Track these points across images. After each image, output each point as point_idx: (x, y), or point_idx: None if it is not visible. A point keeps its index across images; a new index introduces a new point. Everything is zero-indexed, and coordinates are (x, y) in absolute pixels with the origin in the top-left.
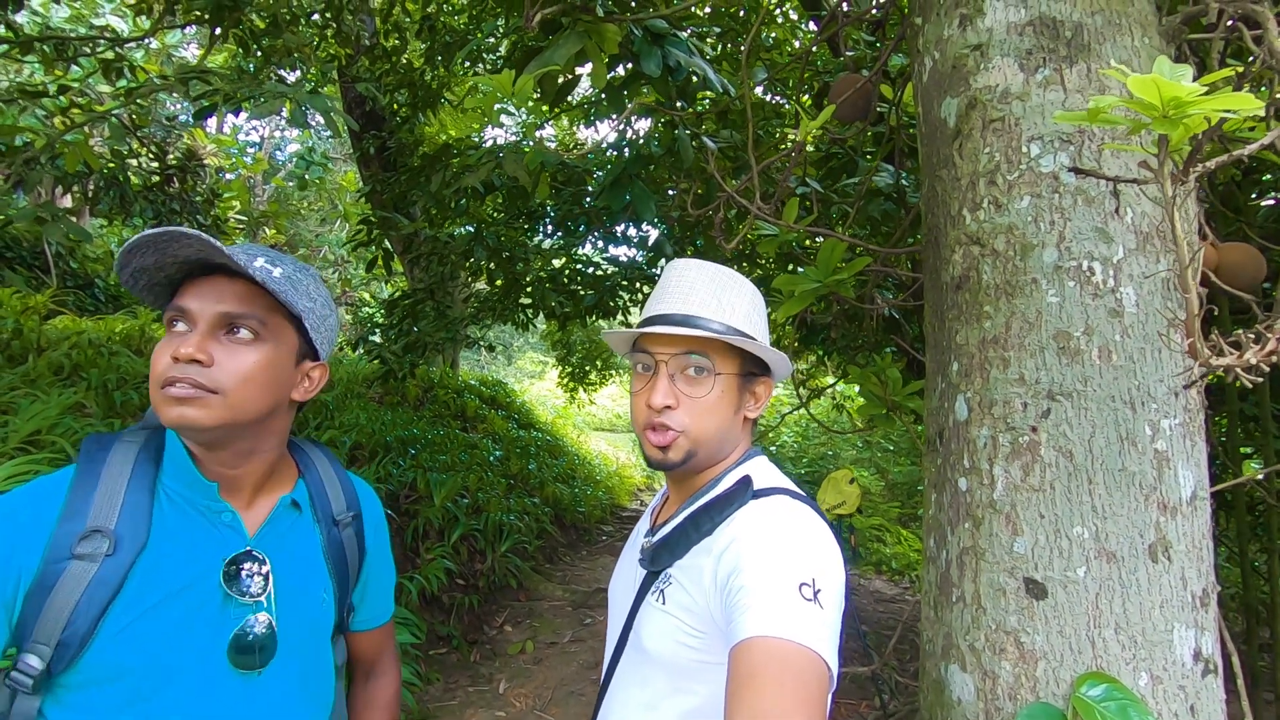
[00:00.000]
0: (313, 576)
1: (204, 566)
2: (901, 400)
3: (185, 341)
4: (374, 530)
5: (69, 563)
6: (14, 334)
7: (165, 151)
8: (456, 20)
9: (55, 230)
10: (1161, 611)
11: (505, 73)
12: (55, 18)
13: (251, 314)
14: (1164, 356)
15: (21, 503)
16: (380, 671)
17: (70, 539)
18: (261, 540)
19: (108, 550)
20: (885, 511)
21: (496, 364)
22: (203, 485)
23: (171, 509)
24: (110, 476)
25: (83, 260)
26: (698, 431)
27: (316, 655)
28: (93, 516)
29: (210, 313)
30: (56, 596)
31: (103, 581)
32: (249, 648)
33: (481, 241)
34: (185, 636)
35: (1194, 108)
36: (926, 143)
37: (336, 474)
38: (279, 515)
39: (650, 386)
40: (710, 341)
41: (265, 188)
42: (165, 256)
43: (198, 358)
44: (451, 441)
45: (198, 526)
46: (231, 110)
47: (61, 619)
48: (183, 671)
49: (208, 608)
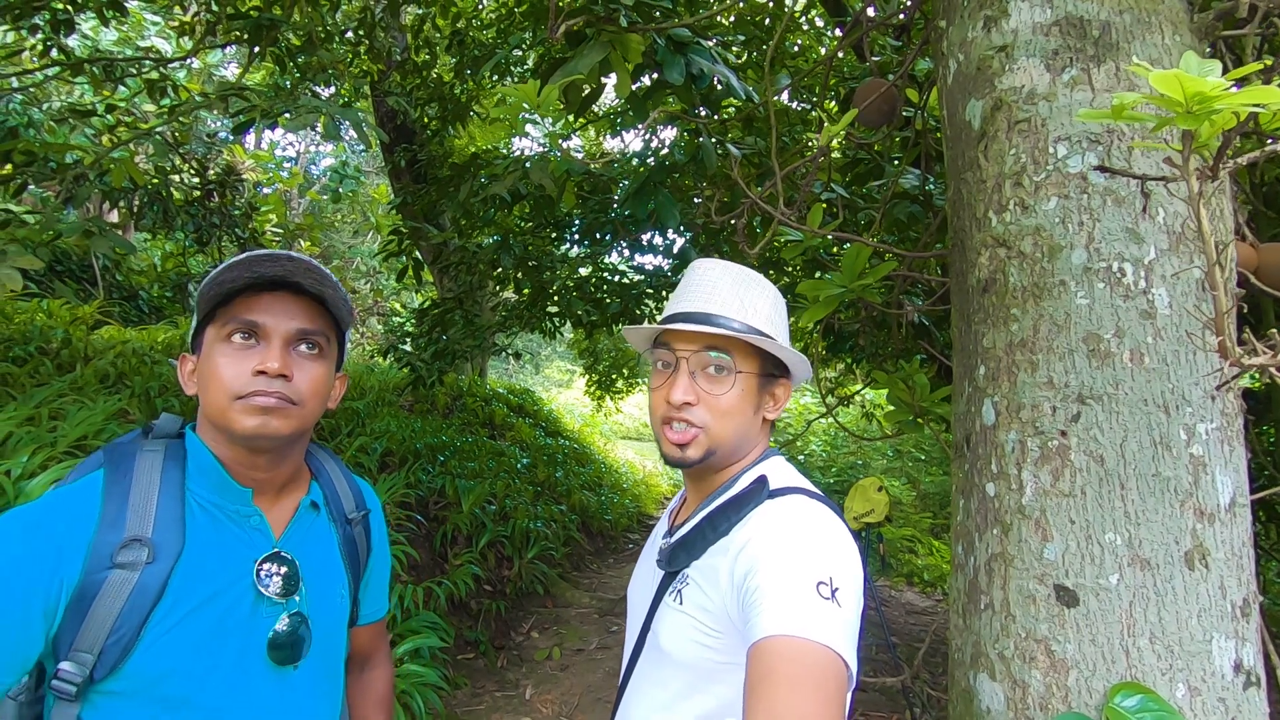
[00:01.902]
0: (333, 574)
1: (237, 570)
2: (930, 406)
3: (268, 356)
4: (378, 529)
5: (110, 572)
6: (63, 343)
7: (206, 167)
8: (486, 34)
9: (102, 243)
10: (1199, 621)
11: (530, 83)
12: (104, 40)
13: (320, 330)
14: (1199, 359)
15: (56, 513)
16: (375, 664)
17: (110, 548)
18: (287, 541)
19: (147, 559)
20: (917, 522)
21: (524, 372)
22: (236, 491)
23: (203, 515)
24: (141, 486)
25: (128, 273)
26: (717, 430)
27: (338, 652)
28: (130, 526)
29: (286, 329)
30: (100, 605)
31: (145, 589)
32: (285, 645)
33: (508, 250)
34: (223, 638)
35: (1220, 102)
36: (951, 145)
37: (344, 475)
38: (301, 516)
39: (670, 383)
40: (731, 340)
41: (301, 201)
42: (248, 272)
43: (285, 373)
44: (480, 449)
45: (228, 531)
46: (268, 125)
47: (106, 627)
48: (221, 671)
49: (241, 609)
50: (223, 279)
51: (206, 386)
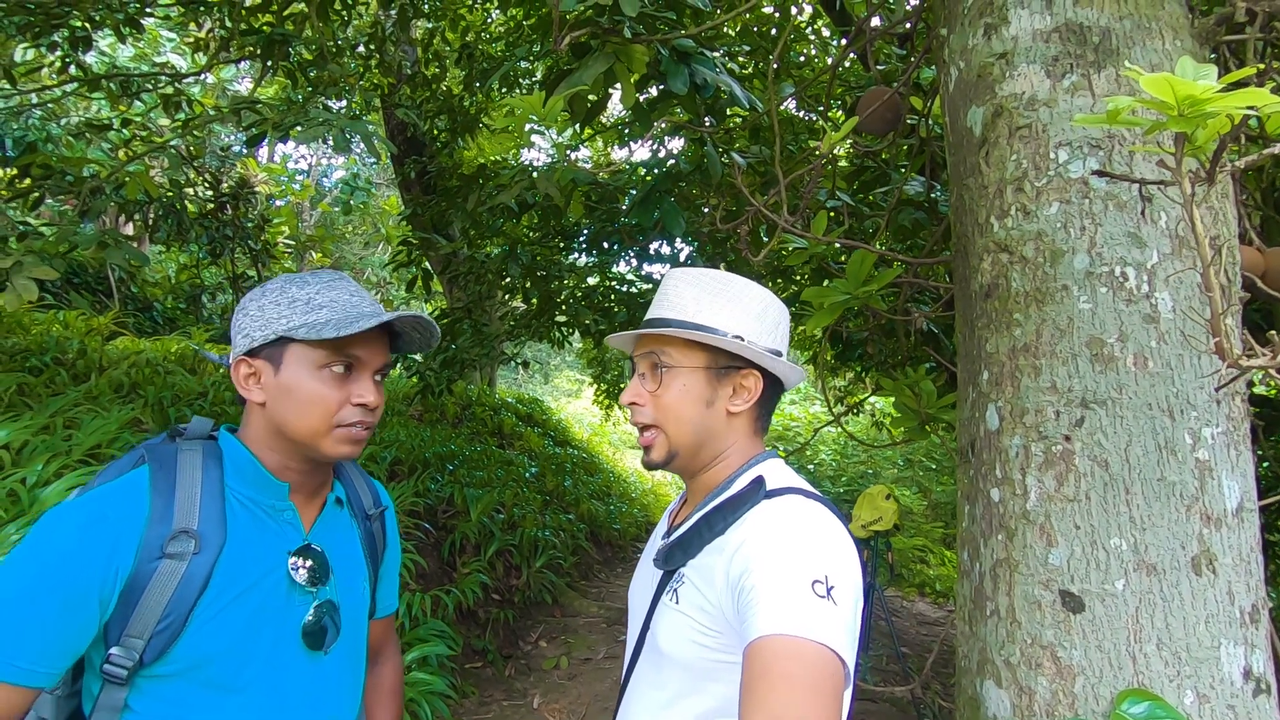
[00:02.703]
0: (355, 566)
1: (272, 561)
2: (937, 413)
3: (366, 390)
4: (392, 526)
5: (160, 561)
6: (79, 354)
7: (219, 180)
8: (494, 48)
9: (117, 255)
10: (1207, 627)
11: (536, 94)
12: (121, 57)
13: (390, 364)
14: (1203, 363)
15: (109, 507)
16: (386, 658)
17: (161, 540)
18: (316, 534)
19: (194, 550)
20: (929, 532)
21: (533, 382)
22: (275, 486)
23: (241, 510)
24: (184, 482)
25: (142, 285)
26: (669, 428)
27: (361, 637)
28: (177, 519)
29: (376, 363)
30: (150, 593)
31: (192, 578)
32: (317, 631)
33: (516, 260)
34: (260, 624)
35: (1211, 105)
36: (953, 152)
37: (361, 475)
38: (328, 512)
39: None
40: (663, 338)
41: (312, 213)
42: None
43: (379, 406)
44: (488, 458)
45: (264, 525)
46: (280, 138)
47: (156, 613)
48: (260, 655)
49: (276, 597)
50: (321, 304)
51: (301, 409)
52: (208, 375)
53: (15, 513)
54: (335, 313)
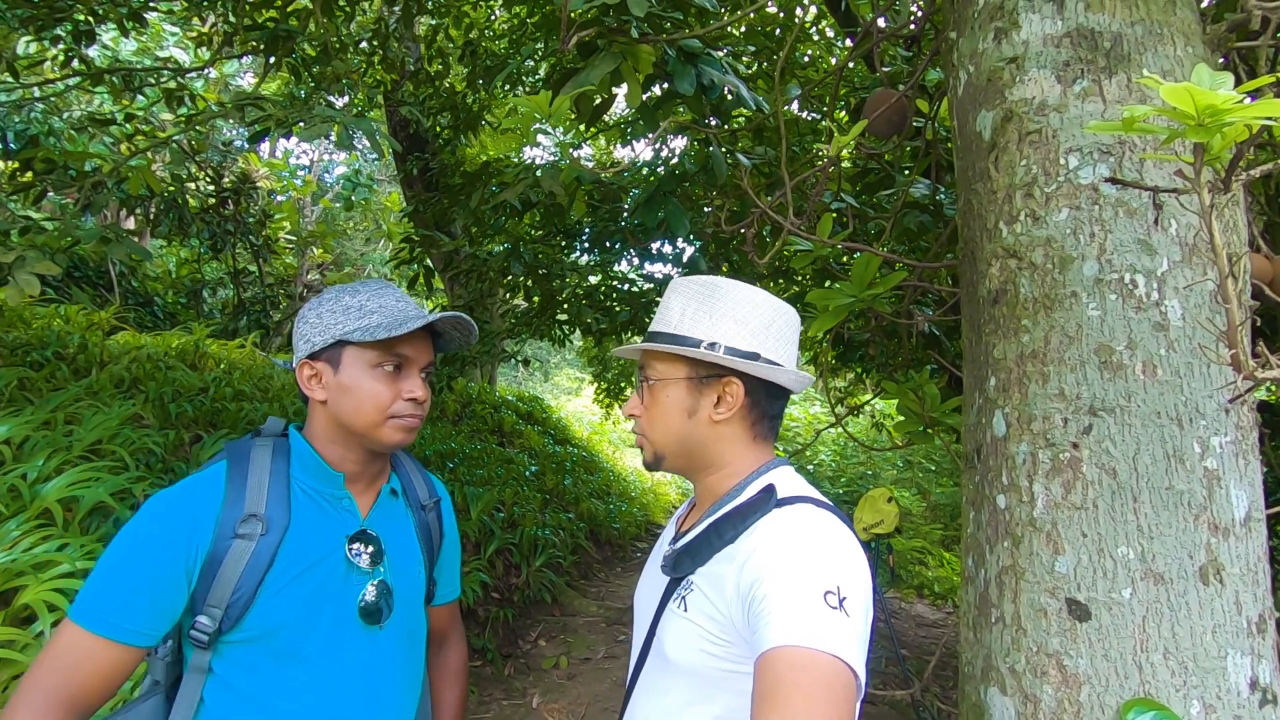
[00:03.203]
0: (409, 551)
1: (331, 543)
2: (940, 417)
3: (415, 386)
4: (449, 517)
5: (233, 541)
6: (79, 348)
7: (221, 175)
8: (498, 45)
9: (118, 249)
10: (1214, 636)
11: (542, 94)
12: (124, 51)
13: (434, 361)
14: (1213, 372)
15: (190, 495)
16: (452, 643)
17: (233, 522)
18: (371, 521)
19: (262, 531)
20: (927, 534)
21: (534, 380)
22: (332, 476)
23: (304, 498)
24: (255, 472)
25: (144, 279)
26: (653, 436)
27: (418, 619)
28: (248, 504)
29: (424, 360)
30: (225, 569)
31: (260, 556)
32: (373, 608)
33: (518, 258)
34: (322, 601)
35: (1231, 115)
36: (962, 156)
37: (417, 468)
38: (383, 501)
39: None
40: (651, 352)
41: (314, 209)
42: (397, 315)
43: (427, 400)
44: (488, 456)
45: (324, 511)
46: (283, 134)
47: (230, 586)
48: (322, 629)
49: (335, 577)
50: (371, 309)
51: (357, 405)
52: (208, 371)
53: (16, 508)
54: (385, 316)
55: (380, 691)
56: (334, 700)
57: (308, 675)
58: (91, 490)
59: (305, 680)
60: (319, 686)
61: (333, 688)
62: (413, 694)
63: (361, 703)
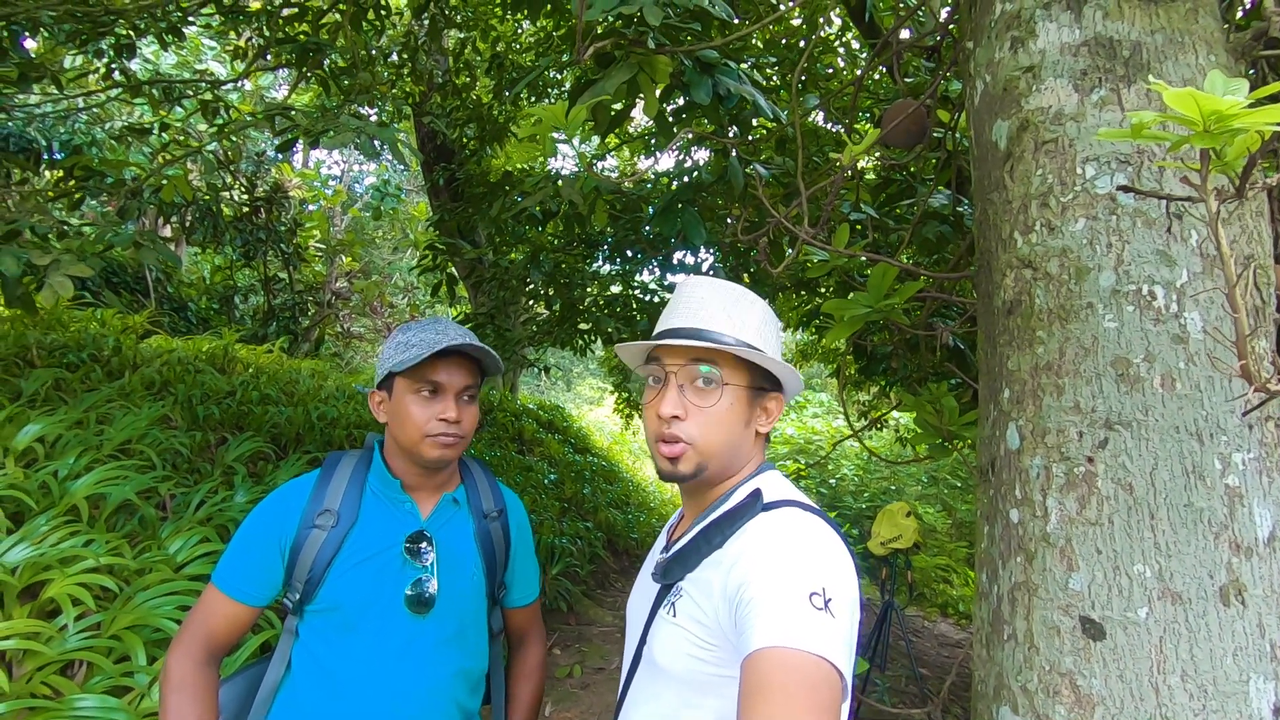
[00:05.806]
0: (466, 554)
1: (392, 539)
2: (958, 430)
3: (447, 408)
4: (518, 528)
5: (311, 530)
6: (114, 351)
7: (254, 184)
8: (524, 58)
9: (150, 254)
10: (1235, 660)
11: (560, 103)
12: (164, 64)
13: (475, 384)
14: (1235, 386)
15: (289, 491)
16: (529, 643)
17: (313, 515)
18: (429, 524)
19: (333, 524)
20: (952, 551)
21: (556, 389)
22: (393, 483)
23: (373, 499)
24: (339, 477)
25: (178, 285)
26: (705, 443)
27: (474, 616)
28: (326, 501)
29: (458, 385)
30: (304, 552)
31: (330, 543)
32: (419, 599)
33: (539, 266)
34: (378, 586)
35: (1238, 121)
36: (978, 166)
37: (489, 481)
38: (443, 507)
39: (660, 397)
40: (718, 352)
41: (343, 218)
42: (435, 343)
43: (459, 419)
44: (508, 463)
45: (389, 512)
46: (310, 144)
47: (307, 565)
48: (376, 610)
49: (392, 568)
50: (413, 344)
51: (402, 425)
52: (236, 375)
53: (46, 504)
54: (420, 349)
55: (421, 672)
56: (380, 671)
57: (362, 647)
58: (118, 488)
59: (359, 651)
60: (369, 658)
61: (380, 661)
62: (462, 682)
63: (403, 678)
